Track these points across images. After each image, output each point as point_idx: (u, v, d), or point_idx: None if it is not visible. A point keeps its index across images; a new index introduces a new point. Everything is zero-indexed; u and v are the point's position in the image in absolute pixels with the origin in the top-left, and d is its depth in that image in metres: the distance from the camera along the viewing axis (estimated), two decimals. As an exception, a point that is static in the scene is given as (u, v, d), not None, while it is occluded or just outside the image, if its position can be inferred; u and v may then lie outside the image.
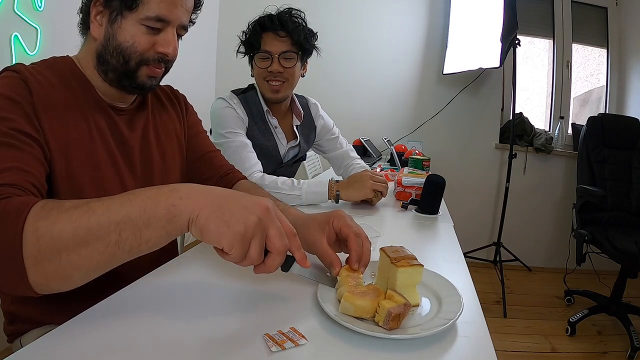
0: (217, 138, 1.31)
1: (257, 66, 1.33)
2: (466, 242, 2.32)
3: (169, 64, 0.79)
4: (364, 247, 0.69)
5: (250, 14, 1.44)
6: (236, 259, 0.50)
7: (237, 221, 0.49)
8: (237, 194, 0.54)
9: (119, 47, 0.72)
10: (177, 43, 0.77)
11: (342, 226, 0.70)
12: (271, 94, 1.35)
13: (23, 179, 0.58)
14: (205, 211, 0.49)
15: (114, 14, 0.71)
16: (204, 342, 0.49)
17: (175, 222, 0.49)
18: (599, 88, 3.20)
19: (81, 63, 0.76)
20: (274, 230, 0.52)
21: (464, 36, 2.81)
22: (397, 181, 1.37)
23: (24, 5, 1.56)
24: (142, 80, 0.76)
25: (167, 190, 0.51)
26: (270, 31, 1.29)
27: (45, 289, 0.49)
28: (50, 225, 0.47)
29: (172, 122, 0.93)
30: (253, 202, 0.52)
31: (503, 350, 1.97)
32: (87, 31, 0.76)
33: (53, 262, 0.47)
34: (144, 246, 0.50)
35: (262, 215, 0.51)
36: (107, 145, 0.76)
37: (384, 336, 0.50)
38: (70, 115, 0.70)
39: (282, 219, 0.55)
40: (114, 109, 0.79)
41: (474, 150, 3.08)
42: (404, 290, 0.57)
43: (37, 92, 0.66)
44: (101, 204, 0.49)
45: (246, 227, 0.49)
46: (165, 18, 0.72)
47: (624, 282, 2.16)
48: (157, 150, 0.86)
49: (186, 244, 1.51)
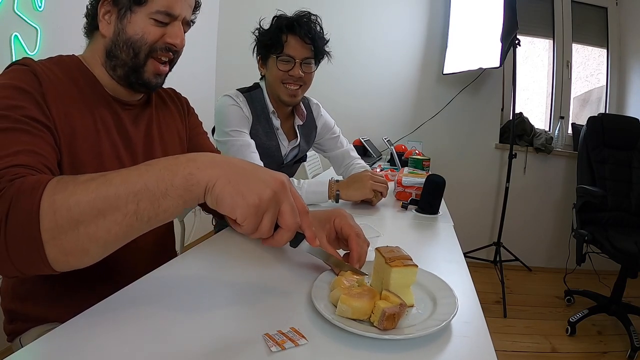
0: (221, 136, 1.30)
1: (278, 69, 1.29)
2: (466, 242, 2.32)
3: (175, 55, 0.82)
4: (363, 248, 0.70)
5: (250, 14, 1.45)
6: (248, 231, 0.51)
7: (252, 193, 0.49)
8: (254, 166, 0.54)
9: (129, 40, 0.75)
10: (184, 36, 0.81)
11: (343, 225, 0.72)
12: (288, 98, 1.34)
13: (36, 160, 0.58)
14: (222, 181, 0.49)
15: (122, 10, 0.74)
16: (204, 342, 0.49)
17: (192, 191, 0.49)
18: (599, 88, 3.20)
19: (87, 61, 0.79)
20: (287, 206, 0.52)
21: (464, 36, 2.81)
22: (397, 181, 1.37)
23: (24, 5, 1.56)
24: (148, 77, 0.78)
25: (185, 159, 0.51)
26: (297, 35, 1.26)
27: (63, 264, 0.49)
28: (67, 198, 0.47)
29: (175, 122, 0.95)
30: (270, 175, 0.52)
31: (503, 350, 1.97)
32: (92, 33, 0.79)
33: (70, 235, 0.47)
34: (161, 216, 0.49)
35: (277, 189, 0.51)
36: (112, 138, 0.78)
37: (377, 336, 0.50)
38: (77, 108, 0.72)
39: (296, 196, 0.55)
40: (119, 104, 0.81)
41: (474, 150, 3.08)
42: (398, 290, 0.57)
43: (46, 84, 0.68)
44: (118, 175, 0.49)
45: (260, 200, 0.49)
46: (172, 12, 0.76)
47: (624, 282, 2.16)
48: (159, 146, 0.88)
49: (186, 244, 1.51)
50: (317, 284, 0.62)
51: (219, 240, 0.90)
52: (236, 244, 0.88)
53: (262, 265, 0.76)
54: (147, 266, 0.70)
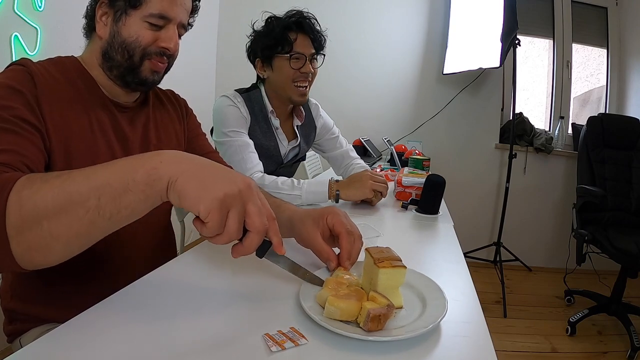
0: (219, 136, 1.31)
1: (291, 67, 1.29)
2: (466, 242, 2.32)
3: (171, 59, 0.82)
4: (354, 245, 0.70)
5: (250, 14, 1.44)
6: (212, 230, 0.48)
7: (216, 187, 0.48)
8: (221, 165, 0.52)
9: (123, 42, 0.75)
10: (179, 40, 0.80)
11: (335, 223, 0.72)
12: (300, 97, 1.34)
13: (17, 159, 0.58)
14: (186, 176, 0.48)
15: (118, 12, 0.74)
16: (204, 342, 0.49)
17: (154, 185, 0.48)
18: (599, 88, 3.20)
19: (86, 62, 0.79)
20: (253, 206, 0.50)
21: (464, 36, 2.81)
22: (397, 181, 1.37)
23: (24, 5, 1.56)
24: (145, 75, 0.78)
25: (149, 154, 0.50)
26: (305, 32, 1.28)
27: (28, 262, 0.49)
28: (33, 194, 0.47)
29: (172, 123, 0.94)
30: (236, 175, 0.51)
31: (503, 350, 1.97)
32: (91, 33, 0.79)
33: (34, 230, 0.47)
34: (123, 212, 0.48)
35: (243, 188, 0.50)
36: (108, 139, 0.78)
37: (361, 337, 0.50)
38: (73, 109, 0.72)
39: (264, 200, 0.53)
40: (116, 105, 0.81)
41: (474, 150, 3.08)
42: (386, 291, 0.56)
43: (42, 85, 0.68)
44: (82, 172, 0.49)
45: (225, 194, 0.48)
46: (166, 15, 0.75)
47: (624, 282, 2.16)
48: (156, 147, 0.88)
49: (186, 244, 1.51)
50: (305, 284, 0.62)
51: (219, 240, 0.90)
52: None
53: (262, 265, 0.75)
54: (147, 266, 0.70)
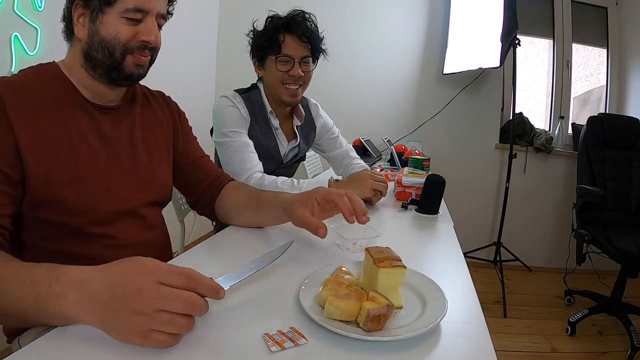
0: (219, 137, 1.31)
1: (277, 69, 1.29)
2: (466, 242, 2.32)
3: (153, 52, 0.81)
4: (352, 200, 0.77)
5: (250, 14, 1.44)
6: (167, 345, 0.46)
7: (125, 331, 0.45)
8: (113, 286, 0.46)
9: (102, 41, 0.74)
10: (159, 32, 0.80)
11: (324, 194, 0.79)
12: (289, 98, 1.34)
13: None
14: (97, 325, 0.47)
15: (94, 12, 0.74)
16: (204, 342, 0.49)
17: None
18: (599, 88, 3.20)
19: (67, 66, 0.79)
20: (163, 315, 0.45)
21: (464, 36, 2.80)
22: (397, 181, 1.37)
23: (24, 5, 1.56)
24: (129, 70, 0.78)
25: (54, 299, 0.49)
26: (294, 34, 1.27)
27: None
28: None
29: (160, 125, 0.94)
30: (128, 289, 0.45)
31: (503, 350, 1.97)
32: (71, 36, 0.79)
33: None
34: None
35: (142, 307, 0.44)
36: (89, 144, 0.77)
37: (361, 337, 0.50)
38: (46, 117, 0.72)
39: (171, 270, 0.48)
40: (97, 108, 0.81)
41: (474, 150, 3.08)
42: (386, 291, 0.56)
43: (10, 101, 0.68)
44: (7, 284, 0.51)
45: (138, 332, 0.45)
46: (143, 8, 0.75)
47: (624, 282, 2.16)
48: (143, 148, 0.88)
49: (186, 244, 1.51)
50: (306, 284, 0.62)
51: (219, 240, 0.90)
52: (236, 244, 0.88)
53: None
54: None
